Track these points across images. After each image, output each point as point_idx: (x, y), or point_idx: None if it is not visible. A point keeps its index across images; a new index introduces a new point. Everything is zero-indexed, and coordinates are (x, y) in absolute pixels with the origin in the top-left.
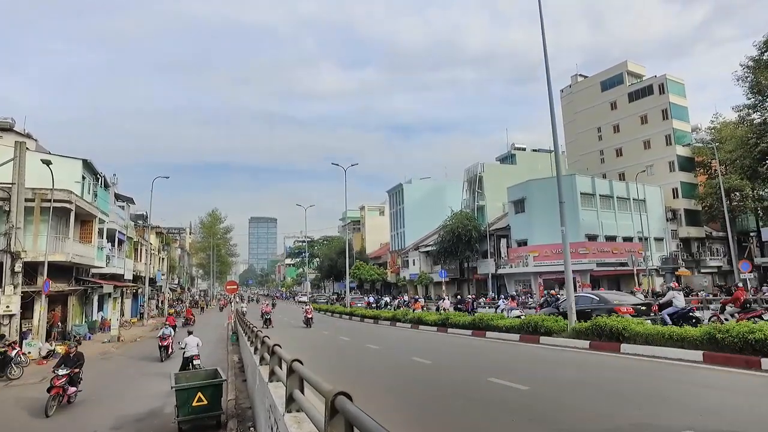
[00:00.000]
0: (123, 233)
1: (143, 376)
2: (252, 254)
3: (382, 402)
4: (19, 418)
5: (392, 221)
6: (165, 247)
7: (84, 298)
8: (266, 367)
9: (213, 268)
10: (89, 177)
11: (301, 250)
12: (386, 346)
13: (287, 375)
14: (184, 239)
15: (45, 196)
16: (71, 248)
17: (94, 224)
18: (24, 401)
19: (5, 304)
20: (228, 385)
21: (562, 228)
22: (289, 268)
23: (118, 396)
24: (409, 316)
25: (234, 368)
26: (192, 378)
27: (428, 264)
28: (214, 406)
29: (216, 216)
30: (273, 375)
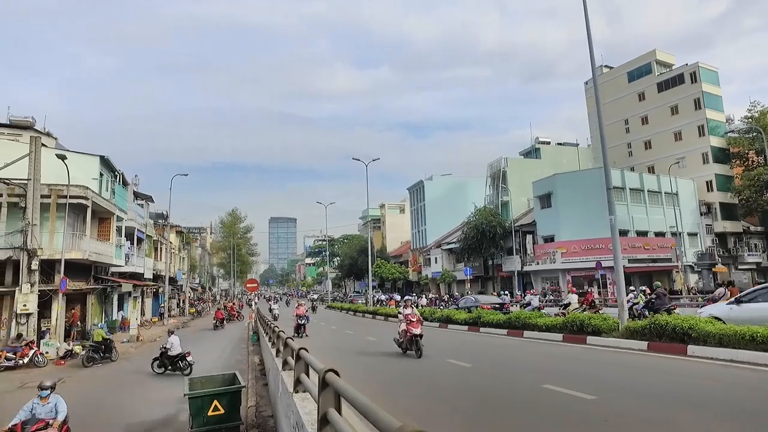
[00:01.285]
0: (142, 231)
1: (159, 379)
2: (272, 254)
3: (423, 412)
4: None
5: (413, 219)
6: (185, 247)
7: (103, 297)
8: (290, 372)
9: (233, 268)
10: (107, 174)
11: (321, 248)
12: None
13: (320, 388)
14: (204, 239)
15: (61, 192)
16: (88, 246)
17: (112, 222)
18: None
19: (22, 303)
20: (247, 391)
21: (611, 217)
22: (309, 267)
23: (131, 400)
24: (436, 315)
25: (254, 371)
26: (207, 384)
27: (451, 262)
28: (232, 416)
29: (236, 215)
30: (299, 384)
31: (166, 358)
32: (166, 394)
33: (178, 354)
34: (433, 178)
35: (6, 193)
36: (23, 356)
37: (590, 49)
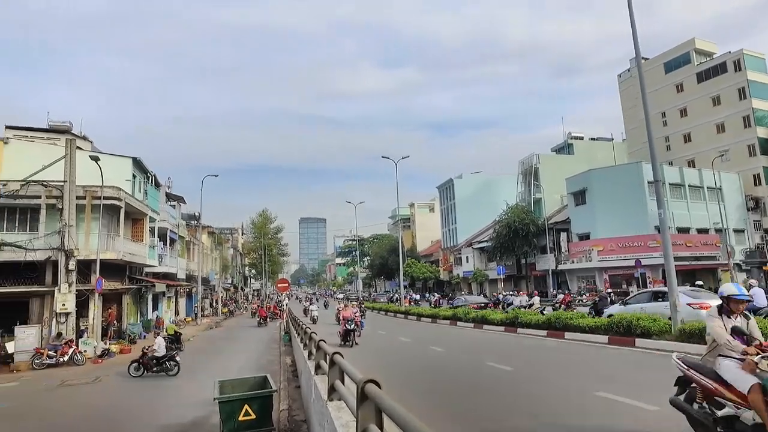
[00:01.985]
0: (175, 232)
1: (190, 380)
2: (303, 254)
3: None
4: (65, 419)
5: (443, 217)
6: (217, 247)
7: (138, 297)
8: (323, 377)
9: (265, 268)
10: (140, 175)
11: (351, 248)
12: (451, 347)
13: (359, 401)
14: (236, 239)
15: (95, 193)
16: (122, 246)
17: (145, 222)
18: (72, 401)
19: (61, 302)
20: (279, 393)
21: (660, 211)
22: (339, 267)
23: (163, 402)
24: (471, 315)
25: (287, 372)
26: (238, 387)
27: (483, 261)
28: (264, 421)
29: (266, 216)
30: (333, 392)
31: (153, 359)
32: (197, 395)
33: (164, 355)
34: (462, 177)
35: (44, 195)
36: (63, 354)
37: (634, 37)
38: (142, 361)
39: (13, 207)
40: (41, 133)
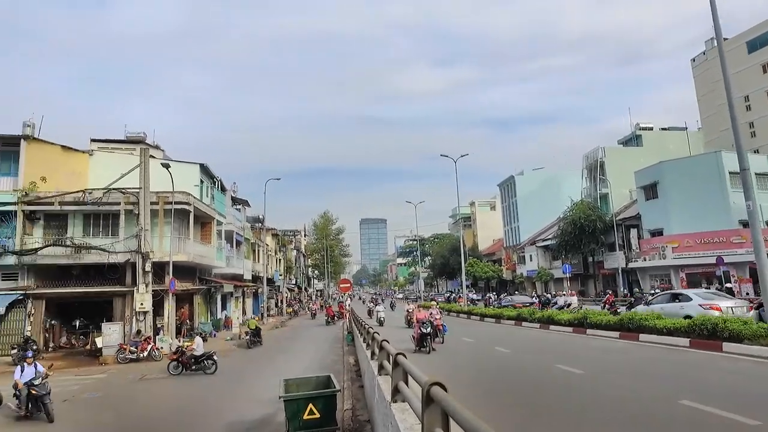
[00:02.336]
0: (240, 234)
1: (258, 378)
2: (364, 255)
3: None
4: (145, 410)
5: (505, 215)
6: (281, 249)
7: (208, 297)
8: (386, 378)
9: (327, 269)
10: (207, 181)
11: (412, 248)
12: (517, 348)
13: (424, 404)
14: (299, 241)
15: (166, 198)
16: (192, 249)
17: (213, 226)
18: (151, 394)
19: (139, 302)
20: (343, 393)
21: (748, 203)
22: (400, 267)
23: (231, 399)
24: (536, 315)
25: (350, 372)
26: (302, 386)
27: (547, 259)
28: (328, 420)
29: (328, 218)
30: (397, 393)
31: (192, 357)
32: (263, 393)
33: (203, 354)
34: (524, 173)
35: (123, 202)
36: (143, 350)
37: (714, 14)
38: (180, 359)
39: (97, 213)
40: (119, 144)
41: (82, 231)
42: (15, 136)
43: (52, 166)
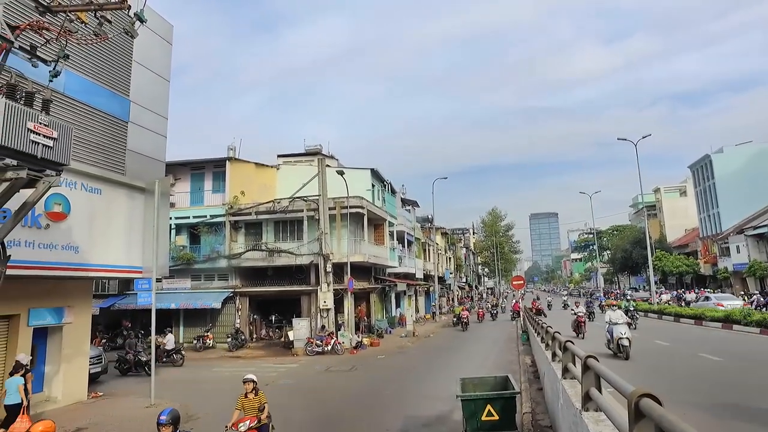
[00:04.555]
0: (411, 234)
1: (432, 375)
2: (535, 251)
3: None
4: (331, 398)
5: (699, 201)
6: (450, 247)
7: (383, 295)
8: (572, 382)
9: (498, 266)
10: (378, 184)
11: (588, 242)
12: (731, 356)
13: (632, 418)
14: (468, 239)
15: (342, 203)
16: (367, 249)
17: (385, 227)
18: (336, 384)
19: (322, 300)
20: (521, 395)
21: None
22: (575, 263)
23: (407, 394)
24: (754, 317)
25: (527, 373)
26: (480, 386)
27: (762, 250)
28: (507, 423)
29: (496, 214)
30: (589, 401)
31: (164, 351)
32: (441, 390)
33: (173, 348)
34: (723, 150)
35: (305, 209)
36: (327, 344)
37: None
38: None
39: (285, 220)
40: (300, 157)
41: (274, 237)
42: (222, 159)
43: (248, 181)
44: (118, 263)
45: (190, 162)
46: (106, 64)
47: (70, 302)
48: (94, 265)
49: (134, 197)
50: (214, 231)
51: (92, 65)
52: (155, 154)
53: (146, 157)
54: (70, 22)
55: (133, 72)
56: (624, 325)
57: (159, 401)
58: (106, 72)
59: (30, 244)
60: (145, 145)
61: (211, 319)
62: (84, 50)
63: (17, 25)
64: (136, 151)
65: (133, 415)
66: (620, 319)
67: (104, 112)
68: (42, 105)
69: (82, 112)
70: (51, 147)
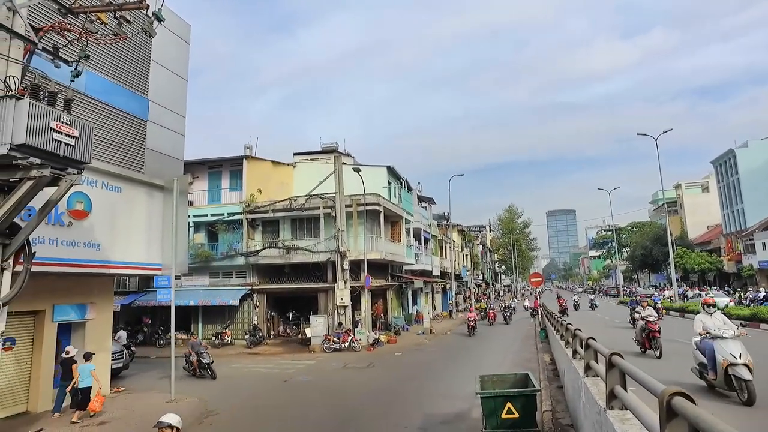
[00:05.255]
0: (428, 232)
1: (450, 372)
2: (552, 248)
3: None
4: (348, 394)
5: (723, 197)
6: (467, 244)
7: (400, 292)
8: (594, 380)
9: (515, 263)
10: (394, 182)
11: (607, 239)
12: None
13: (664, 418)
14: (484, 236)
15: (359, 201)
16: (384, 247)
17: (401, 224)
18: (353, 381)
19: (339, 297)
20: (541, 393)
21: None
22: (593, 260)
23: (425, 391)
24: (735, 312)
25: (546, 371)
26: (499, 383)
27: None
28: (528, 421)
29: (512, 211)
30: (614, 399)
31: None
32: (460, 389)
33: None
34: (748, 145)
35: (322, 206)
36: (344, 341)
37: None
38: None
39: (302, 218)
40: (316, 155)
41: (291, 234)
42: (239, 157)
43: (265, 179)
44: (138, 260)
45: (207, 161)
46: (125, 64)
47: (93, 299)
48: (115, 262)
49: (153, 195)
50: (231, 229)
51: (112, 65)
52: (174, 153)
53: (165, 156)
54: (91, 23)
55: (152, 71)
56: (736, 341)
57: (179, 396)
58: (126, 72)
59: (53, 242)
60: (163, 143)
61: (229, 316)
62: (104, 50)
63: (41, 27)
64: (155, 150)
65: (153, 409)
66: (724, 327)
67: (124, 111)
68: (64, 104)
69: (102, 111)
70: (73, 146)
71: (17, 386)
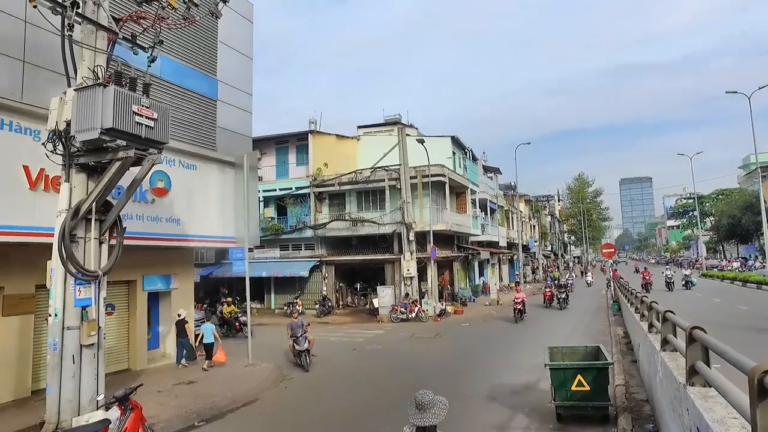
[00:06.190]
0: (494, 202)
1: (518, 344)
2: (626, 218)
3: None
4: (416, 363)
5: None
6: (535, 215)
7: (466, 264)
8: (672, 354)
9: (585, 234)
10: (458, 152)
11: (687, 208)
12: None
13: (755, 397)
14: (552, 206)
15: (423, 172)
16: (449, 218)
17: (467, 195)
18: (420, 350)
19: (406, 268)
20: (613, 367)
21: None
22: (672, 230)
23: (494, 363)
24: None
25: (619, 344)
26: (569, 356)
27: None
28: (599, 395)
29: (583, 180)
30: (695, 375)
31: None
32: (527, 360)
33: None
34: None
35: (387, 178)
36: (411, 312)
37: None
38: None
39: (367, 190)
40: (380, 128)
41: (357, 207)
42: (304, 132)
43: (330, 153)
44: (213, 234)
45: (274, 137)
46: (195, 47)
47: (175, 270)
48: (193, 236)
49: (225, 172)
50: (299, 202)
51: (183, 48)
52: (242, 130)
53: (234, 133)
54: (163, 9)
55: (219, 52)
56: None
57: (256, 362)
58: (195, 54)
59: (140, 218)
60: (233, 121)
61: (300, 286)
62: (175, 35)
63: (120, 17)
64: (225, 128)
65: (233, 372)
66: None
67: (195, 92)
68: (143, 89)
69: (176, 93)
70: (152, 127)
71: (119, 347)
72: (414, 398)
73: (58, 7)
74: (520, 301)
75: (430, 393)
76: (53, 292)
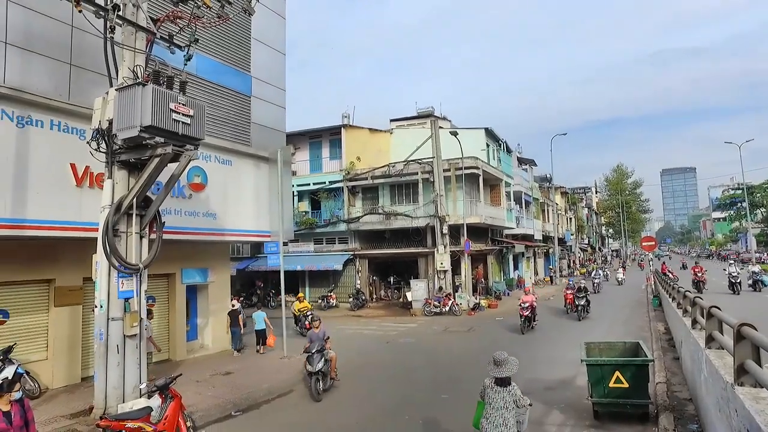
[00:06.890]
0: (528, 195)
1: (553, 339)
2: (667, 210)
3: None
4: (449, 356)
5: None
6: (571, 207)
7: (500, 257)
8: (718, 352)
9: (624, 227)
10: (492, 144)
11: (735, 199)
12: None
13: None
14: (590, 198)
15: (456, 164)
16: (483, 211)
17: (501, 187)
18: (454, 344)
19: (439, 261)
20: (654, 364)
21: None
22: (717, 222)
23: (528, 357)
24: None
25: (660, 341)
26: (606, 351)
27: None
28: (638, 392)
29: (621, 171)
30: (744, 374)
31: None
32: (562, 355)
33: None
34: None
35: (420, 171)
36: (444, 305)
37: None
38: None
39: (400, 184)
40: (412, 121)
41: (390, 200)
42: (337, 127)
43: (362, 147)
44: (248, 228)
45: (307, 131)
46: (229, 44)
47: (212, 264)
48: (229, 230)
49: (260, 167)
50: (333, 196)
51: (217, 46)
52: (276, 125)
53: (268, 129)
54: (198, 8)
55: (252, 48)
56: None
57: (291, 354)
58: (230, 51)
59: (178, 212)
60: (266, 117)
61: (334, 280)
62: (210, 33)
63: (157, 18)
64: (259, 124)
65: (269, 363)
66: None
67: (230, 89)
68: (179, 87)
69: (211, 90)
70: (189, 124)
71: (160, 337)
72: (492, 357)
73: (101, 10)
74: (528, 306)
75: (504, 353)
76: (98, 285)
